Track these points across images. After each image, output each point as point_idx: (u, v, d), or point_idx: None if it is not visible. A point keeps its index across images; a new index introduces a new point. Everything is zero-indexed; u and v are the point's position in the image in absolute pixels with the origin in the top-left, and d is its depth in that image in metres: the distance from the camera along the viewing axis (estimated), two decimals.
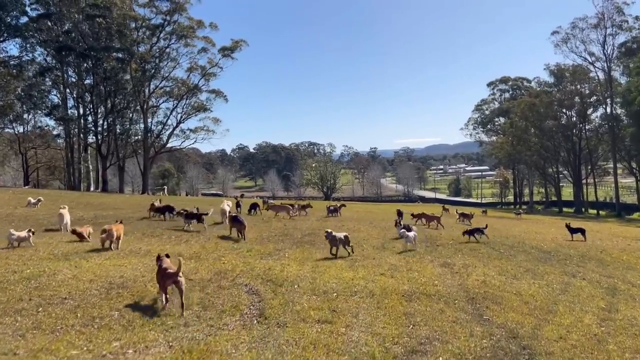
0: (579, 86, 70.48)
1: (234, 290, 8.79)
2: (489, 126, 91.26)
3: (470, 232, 19.63)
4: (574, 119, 71.86)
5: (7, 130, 60.27)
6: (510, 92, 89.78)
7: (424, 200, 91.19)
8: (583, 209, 67.55)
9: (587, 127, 71.14)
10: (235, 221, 16.13)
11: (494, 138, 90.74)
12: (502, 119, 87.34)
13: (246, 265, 11.13)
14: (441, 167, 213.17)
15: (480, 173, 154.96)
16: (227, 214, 18.42)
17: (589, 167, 71.32)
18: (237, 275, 10.04)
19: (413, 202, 77.37)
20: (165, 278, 7.44)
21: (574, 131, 71.40)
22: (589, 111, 71.25)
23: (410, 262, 14.16)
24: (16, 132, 59.96)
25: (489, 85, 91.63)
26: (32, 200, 21.58)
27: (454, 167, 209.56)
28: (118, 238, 12.28)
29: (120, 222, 13.77)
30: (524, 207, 69.20)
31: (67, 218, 15.26)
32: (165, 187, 56.12)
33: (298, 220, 23.72)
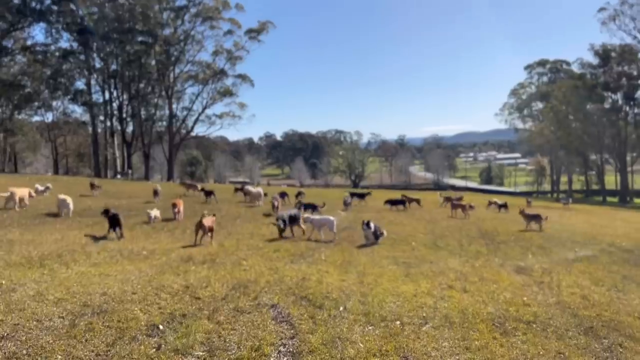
0: (626, 67, 65.46)
1: (257, 316, 6.21)
2: (525, 111, 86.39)
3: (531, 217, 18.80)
4: (620, 102, 67.01)
5: (36, 118, 59.93)
6: (549, 76, 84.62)
7: (454, 188, 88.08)
8: (628, 198, 62.78)
9: (634, 111, 66.35)
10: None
11: (530, 124, 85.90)
12: (540, 104, 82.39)
13: (273, 273, 8.56)
14: (471, 154, 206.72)
15: (514, 161, 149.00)
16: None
17: (634, 154, 67.00)
18: (262, 289, 7.47)
19: (443, 191, 74.22)
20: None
21: (620, 115, 66.56)
22: (637, 94, 65.99)
23: (477, 266, 11.47)
24: (45, 120, 59.47)
25: (526, 68, 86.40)
26: (40, 188, 19.61)
27: (485, 154, 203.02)
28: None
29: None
30: (562, 195, 65.02)
31: (69, 204, 14.43)
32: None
33: (330, 210, 21.11)
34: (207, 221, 11.24)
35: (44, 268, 7.51)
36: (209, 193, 21.32)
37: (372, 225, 12.98)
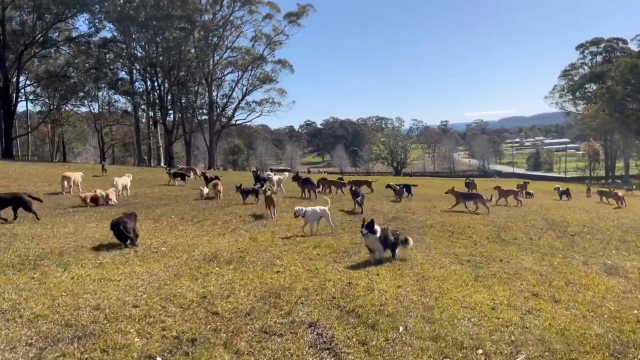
0: None
1: (290, 340, 4.66)
2: (577, 94, 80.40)
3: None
4: None
5: (83, 109, 61.20)
6: (603, 55, 78.41)
7: (500, 175, 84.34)
8: None
9: None
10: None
11: (582, 106, 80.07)
12: (593, 85, 76.50)
13: (312, 277, 6.98)
14: (517, 140, 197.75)
15: (564, 146, 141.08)
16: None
17: None
18: (298, 299, 5.90)
19: (489, 177, 70.95)
20: None
21: None
22: None
23: (557, 265, 9.55)
24: (91, 110, 60.63)
25: (578, 48, 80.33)
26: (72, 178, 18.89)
27: (532, 139, 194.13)
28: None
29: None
30: (617, 181, 60.01)
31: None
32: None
33: (374, 198, 19.33)
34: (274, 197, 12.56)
35: (35, 270, 6.26)
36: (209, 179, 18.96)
37: (377, 228, 8.25)
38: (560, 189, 26.60)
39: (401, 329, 5.27)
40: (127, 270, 6.56)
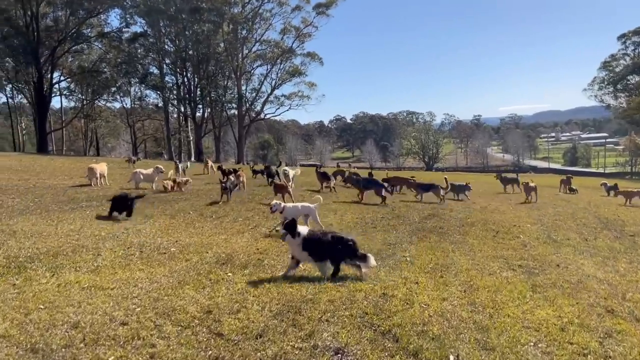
0: None
1: None
2: (619, 86, 75.95)
3: None
4: None
5: (117, 104, 62.01)
6: None
7: (536, 170, 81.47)
8: None
9: None
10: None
11: (624, 99, 75.60)
12: (636, 77, 72.20)
13: (340, 285, 5.93)
14: (552, 134, 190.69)
15: (602, 140, 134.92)
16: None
17: None
18: (322, 314, 4.87)
19: (524, 173, 68.55)
20: None
21: None
22: None
23: (624, 272, 8.46)
24: (124, 106, 61.36)
25: (619, 38, 75.57)
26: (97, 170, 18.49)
27: (567, 134, 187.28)
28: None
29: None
30: None
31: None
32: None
33: (408, 195, 18.11)
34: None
35: (19, 275, 5.43)
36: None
37: (300, 230, 6.31)
38: (608, 184, 24.63)
39: (452, 358, 4.17)
40: (126, 275, 5.69)
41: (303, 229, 6.36)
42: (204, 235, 8.87)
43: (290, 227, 6.19)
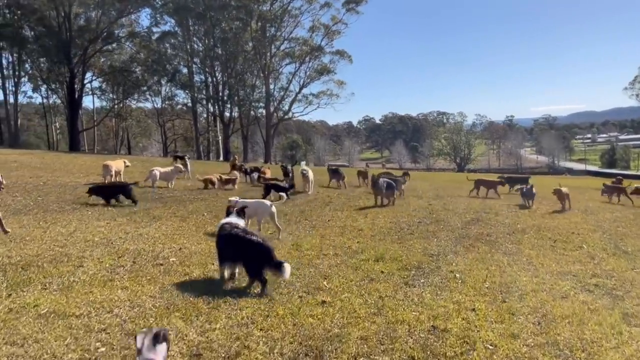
0: None
1: None
2: None
3: None
4: None
5: (148, 105, 62.38)
6: None
7: (572, 172, 78.25)
8: None
9: None
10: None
11: None
12: None
13: (375, 314, 4.57)
14: (589, 135, 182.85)
15: None
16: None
17: None
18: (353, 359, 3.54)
19: (560, 175, 65.50)
20: None
21: None
22: None
23: None
24: (155, 106, 61.67)
25: None
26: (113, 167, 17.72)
27: (605, 135, 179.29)
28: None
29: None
30: None
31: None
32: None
33: (445, 194, 16.49)
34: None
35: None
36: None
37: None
38: None
39: None
40: (102, 295, 4.50)
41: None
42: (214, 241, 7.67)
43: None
